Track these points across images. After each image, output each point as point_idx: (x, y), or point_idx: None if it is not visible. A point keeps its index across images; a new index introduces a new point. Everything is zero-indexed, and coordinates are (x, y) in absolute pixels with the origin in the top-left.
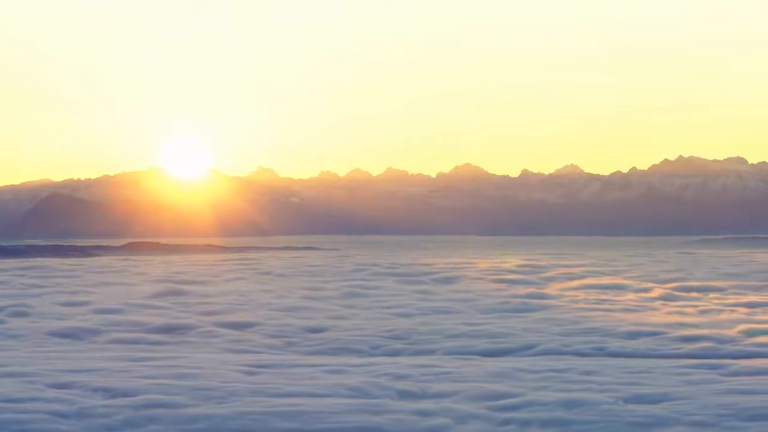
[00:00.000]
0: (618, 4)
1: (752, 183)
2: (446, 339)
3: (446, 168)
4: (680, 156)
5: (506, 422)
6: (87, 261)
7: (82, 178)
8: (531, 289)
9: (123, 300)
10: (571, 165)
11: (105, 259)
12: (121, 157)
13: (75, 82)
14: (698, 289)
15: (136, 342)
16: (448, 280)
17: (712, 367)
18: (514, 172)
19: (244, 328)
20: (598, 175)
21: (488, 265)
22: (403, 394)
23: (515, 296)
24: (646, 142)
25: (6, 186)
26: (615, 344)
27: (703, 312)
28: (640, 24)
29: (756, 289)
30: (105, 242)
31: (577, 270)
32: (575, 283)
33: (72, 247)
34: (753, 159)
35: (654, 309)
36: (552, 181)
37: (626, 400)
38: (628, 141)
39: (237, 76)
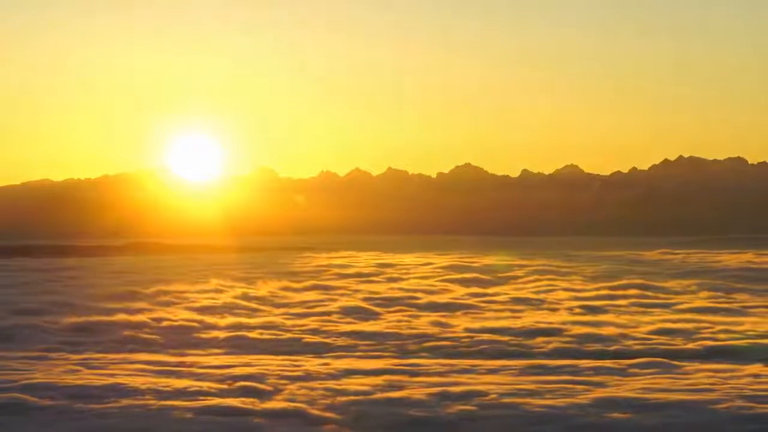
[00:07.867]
0: (618, 6)
1: (752, 183)
2: (323, 339)
3: (446, 168)
4: (680, 156)
5: (323, 421)
6: (68, 261)
7: (82, 178)
8: (470, 290)
9: (51, 299)
10: (571, 165)
11: (85, 260)
12: (121, 157)
13: (75, 81)
14: (639, 287)
15: (41, 342)
16: (394, 280)
17: (557, 368)
18: (514, 172)
19: (152, 326)
20: (598, 175)
21: (452, 263)
22: (247, 394)
23: (452, 297)
24: (646, 142)
25: (6, 186)
26: (491, 345)
27: (611, 312)
28: (640, 24)
29: (681, 291)
30: (105, 242)
31: (521, 271)
32: (512, 284)
33: (72, 247)
34: (753, 159)
35: (556, 310)
36: (552, 181)
37: (448, 398)
38: (628, 141)
39: (237, 75)
